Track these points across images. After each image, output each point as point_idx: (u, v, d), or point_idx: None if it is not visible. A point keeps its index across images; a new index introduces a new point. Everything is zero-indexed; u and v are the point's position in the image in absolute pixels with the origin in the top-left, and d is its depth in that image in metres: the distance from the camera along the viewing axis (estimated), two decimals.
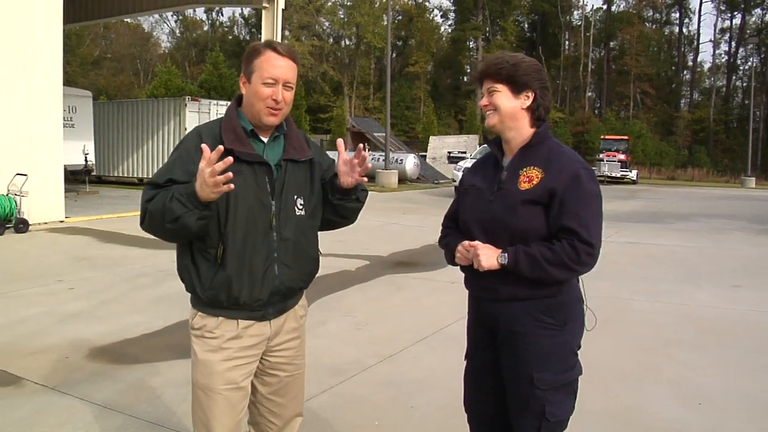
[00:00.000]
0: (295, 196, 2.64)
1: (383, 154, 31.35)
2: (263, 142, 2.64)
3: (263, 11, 20.85)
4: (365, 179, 2.73)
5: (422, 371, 5.40)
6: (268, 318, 2.68)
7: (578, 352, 2.73)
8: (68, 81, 58.17)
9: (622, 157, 40.32)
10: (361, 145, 2.89)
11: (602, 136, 46.42)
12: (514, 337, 2.66)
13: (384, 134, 32.89)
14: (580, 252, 2.52)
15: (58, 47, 14.07)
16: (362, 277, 9.29)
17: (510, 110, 2.67)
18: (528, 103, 2.67)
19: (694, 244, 13.31)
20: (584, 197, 2.57)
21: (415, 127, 63.30)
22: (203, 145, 2.29)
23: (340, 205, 2.75)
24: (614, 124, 58.29)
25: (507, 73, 2.64)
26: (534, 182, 2.60)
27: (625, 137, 44.83)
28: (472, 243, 2.63)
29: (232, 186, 2.31)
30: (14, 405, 4.50)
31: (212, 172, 2.26)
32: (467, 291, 2.90)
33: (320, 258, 2.85)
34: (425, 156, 39.53)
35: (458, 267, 2.80)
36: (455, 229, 2.90)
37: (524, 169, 2.66)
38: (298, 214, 2.65)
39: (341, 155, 2.68)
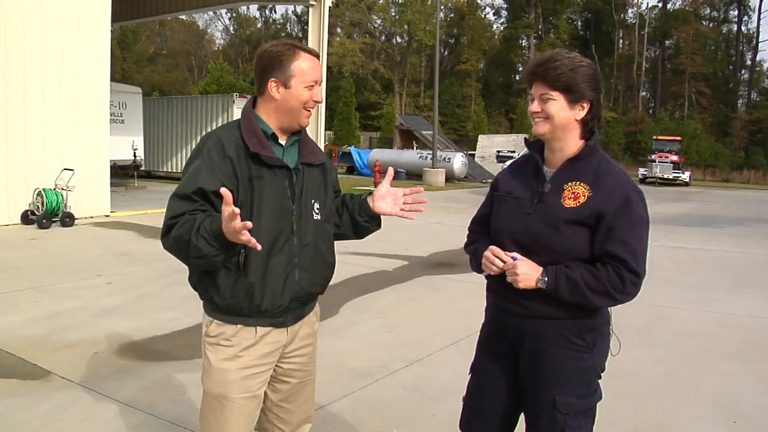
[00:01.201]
0: (313, 201, 2.62)
1: (431, 152, 31.20)
2: (282, 145, 2.60)
3: (310, 8, 20.86)
4: (412, 217, 2.79)
5: (449, 376, 5.28)
6: (287, 325, 2.64)
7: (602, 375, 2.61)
8: (124, 77, 59.72)
9: (674, 158, 39.45)
10: (421, 188, 2.84)
11: (654, 137, 45.47)
12: (539, 355, 2.52)
13: (432, 132, 32.71)
14: (626, 281, 2.38)
15: (105, 44, 14.31)
16: (399, 277, 9.22)
17: (563, 120, 2.48)
18: (582, 114, 2.49)
19: (744, 250, 12.94)
20: (634, 223, 2.42)
21: (465, 125, 63.05)
22: (223, 190, 2.21)
23: (363, 227, 2.80)
24: (668, 125, 57.20)
25: (565, 81, 2.43)
26: (581, 200, 2.44)
27: (678, 138, 43.81)
28: (510, 255, 2.47)
29: (253, 241, 2.24)
30: (39, 399, 4.55)
31: (232, 215, 2.18)
32: (488, 299, 2.77)
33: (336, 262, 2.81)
34: (474, 155, 39.27)
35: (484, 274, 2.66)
36: (485, 234, 2.75)
37: (570, 184, 2.49)
38: (315, 218, 2.63)
39: (387, 181, 2.76)
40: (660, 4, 71.97)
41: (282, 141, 2.60)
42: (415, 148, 38.41)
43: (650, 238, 2.52)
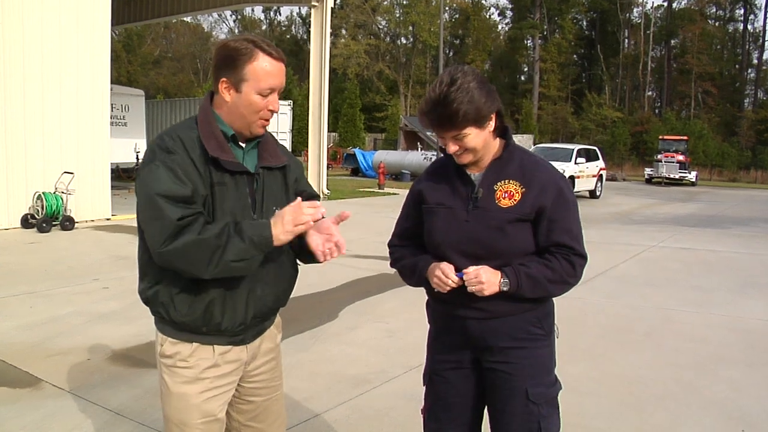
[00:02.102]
0: (274, 208, 2.35)
1: (435, 153, 31.09)
2: (242, 148, 2.37)
3: (312, 10, 20.76)
4: (322, 259, 2.36)
5: None
6: (247, 342, 2.45)
7: None
8: (129, 80, 59.80)
9: (681, 157, 39.21)
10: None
11: (661, 137, 45.23)
12: (506, 352, 2.55)
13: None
14: (576, 266, 2.51)
15: (105, 46, 14.22)
16: (400, 280, 9.00)
17: (482, 144, 2.49)
18: (493, 125, 2.51)
19: (752, 251, 12.75)
20: (570, 210, 2.53)
21: None
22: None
23: (302, 252, 2.43)
24: (674, 124, 56.89)
25: (470, 116, 2.40)
26: (516, 198, 2.48)
27: (684, 137, 43.58)
28: (471, 271, 2.43)
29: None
30: (29, 408, 4.46)
31: (302, 215, 2.13)
32: (435, 310, 2.76)
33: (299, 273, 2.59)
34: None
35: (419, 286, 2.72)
36: (414, 247, 2.73)
37: (500, 184, 2.51)
38: None
39: (333, 221, 2.34)
40: (665, 4, 71.61)
41: (242, 143, 2.37)
42: (419, 149, 38.30)
43: (656, 239, 2.47)
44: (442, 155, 2.70)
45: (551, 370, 2.61)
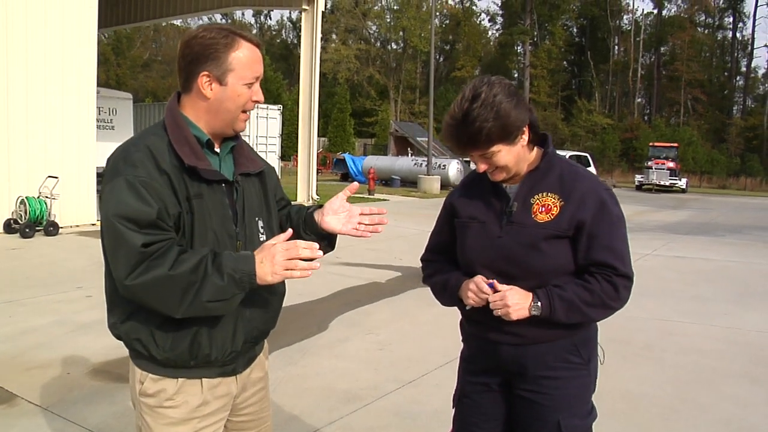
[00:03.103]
0: (257, 218, 2.17)
1: (426, 158, 30.94)
2: (217, 154, 2.12)
3: (303, 13, 20.60)
4: (367, 235, 2.31)
5: (442, 401, 4.89)
6: (238, 371, 2.19)
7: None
8: (118, 83, 59.46)
9: (671, 165, 39.32)
10: (384, 209, 2.37)
11: (651, 143, 45.32)
12: (539, 381, 2.33)
13: (427, 139, 32.44)
14: (619, 288, 2.25)
15: (92, 49, 13.93)
16: (392, 290, 8.88)
17: (515, 159, 2.27)
18: (526, 138, 2.28)
19: (747, 260, 12.61)
20: (614, 225, 2.28)
21: None
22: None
23: None
24: (664, 131, 57.10)
25: (497, 134, 2.19)
26: (554, 212, 2.25)
27: (675, 144, 43.75)
28: (498, 287, 2.23)
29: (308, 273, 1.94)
30: (1, 427, 4.21)
31: (296, 256, 1.89)
32: (468, 331, 2.53)
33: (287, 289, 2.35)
34: (469, 161, 39.05)
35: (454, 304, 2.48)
36: (447, 263, 2.51)
37: (537, 197, 2.29)
38: (261, 239, 2.14)
39: (343, 194, 2.32)
40: (655, 11, 71.96)
41: (217, 149, 2.12)
42: (410, 154, 38.17)
43: (649, 247, 2.28)
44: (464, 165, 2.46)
45: (588, 400, 2.40)
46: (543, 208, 2.26)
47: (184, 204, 1.97)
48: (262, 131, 23.22)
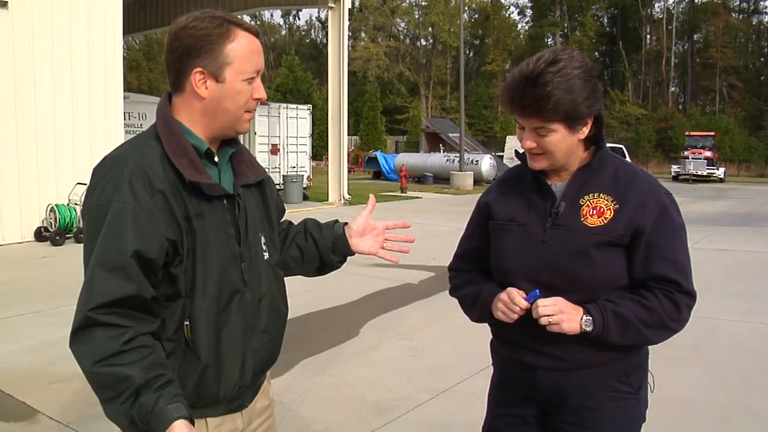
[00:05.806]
0: (259, 234, 1.92)
1: (458, 154, 30.63)
2: (216, 164, 1.86)
3: (329, 12, 20.50)
4: (395, 259, 2.16)
5: (477, 412, 4.66)
6: (245, 406, 1.94)
7: None
8: (150, 87, 60.01)
9: (708, 154, 38.55)
10: (408, 223, 2.21)
11: (687, 133, 44.49)
12: (582, 413, 2.03)
13: (459, 134, 32.11)
14: (681, 306, 1.95)
15: (118, 54, 13.93)
16: (425, 291, 8.64)
17: (566, 150, 1.98)
18: (586, 132, 1.98)
19: None
20: (676, 235, 1.99)
21: (492, 126, 62.30)
22: None
23: (331, 266, 2.15)
24: (699, 120, 56.09)
25: (564, 109, 1.89)
26: (607, 216, 1.96)
27: (712, 133, 42.87)
28: (554, 301, 1.92)
29: None
30: None
31: None
32: (499, 353, 2.26)
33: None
34: (502, 156, 38.64)
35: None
36: (478, 273, 2.23)
37: (587, 197, 1.99)
38: (265, 259, 1.92)
39: (367, 212, 2.14)
40: None
41: (216, 158, 1.86)
42: (442, 151, 37.85)
43: (690, 240, 2.00)
44: (512, 158, 2.18)
45: None
46: (594, 211, 1.97)
47: (184, 225, 1.72)
48: (293, 132, 23.12)
